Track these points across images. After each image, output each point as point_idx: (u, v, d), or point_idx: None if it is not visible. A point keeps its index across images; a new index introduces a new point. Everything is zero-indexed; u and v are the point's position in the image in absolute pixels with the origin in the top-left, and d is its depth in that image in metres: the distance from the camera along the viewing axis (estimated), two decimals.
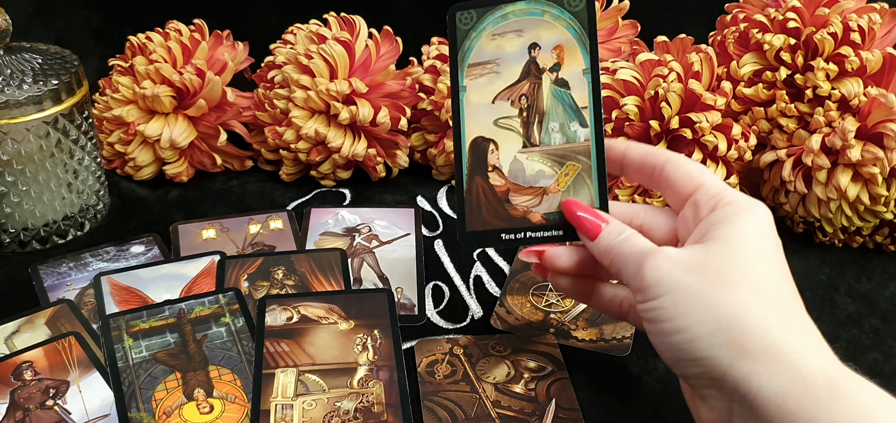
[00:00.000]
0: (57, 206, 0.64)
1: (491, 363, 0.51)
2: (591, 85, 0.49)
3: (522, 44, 0.50)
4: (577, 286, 0.48)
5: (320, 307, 0.54)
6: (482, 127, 0.49)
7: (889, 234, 0.64)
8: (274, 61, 0.73)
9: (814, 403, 0.35)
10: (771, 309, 0.38)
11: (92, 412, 0.47)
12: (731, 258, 0.39)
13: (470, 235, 0.48)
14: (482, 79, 0.50)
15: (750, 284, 0.38)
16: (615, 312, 0.48)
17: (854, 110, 0.60)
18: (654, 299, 0.40)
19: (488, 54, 0.50)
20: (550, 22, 0.50)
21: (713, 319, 0.38)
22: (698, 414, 0.41)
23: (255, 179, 0.75)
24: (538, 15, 0.50)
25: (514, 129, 0.49)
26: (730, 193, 0.42)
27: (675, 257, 0.40)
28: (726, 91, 0.63)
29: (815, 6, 0.63)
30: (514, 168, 0.48)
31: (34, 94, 0.60)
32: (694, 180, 0.44)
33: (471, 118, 0.50)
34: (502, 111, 0.50)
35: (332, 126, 0.70)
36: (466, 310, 0.58)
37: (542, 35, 0.50)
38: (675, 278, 0.39)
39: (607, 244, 0.44)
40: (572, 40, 0.50)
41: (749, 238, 0.40)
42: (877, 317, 0.58)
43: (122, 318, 0.54)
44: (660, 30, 0.72)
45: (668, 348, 0.39)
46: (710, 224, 0.41)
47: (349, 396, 0.48)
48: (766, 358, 0.36)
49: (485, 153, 0.49)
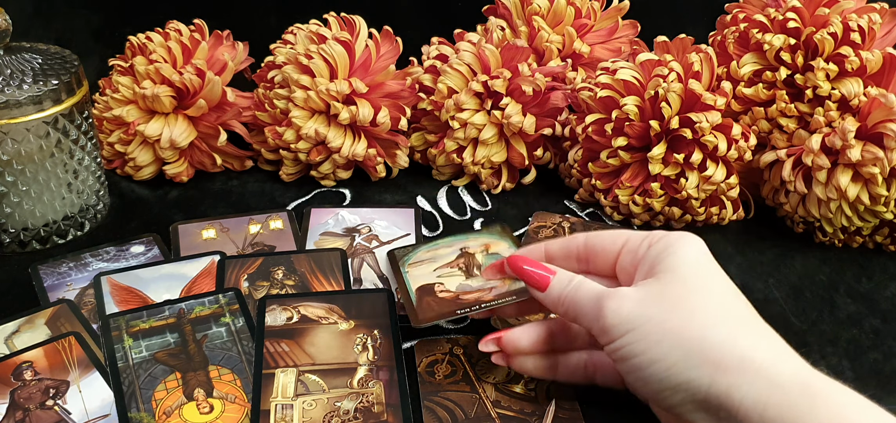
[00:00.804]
0: (57, 206, 0.64)
1: (491, 363, 0.51)
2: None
3: (453, 249, 0.58)
4: (540, 364, 0.48)
5: (320, 307, 0.54)
6: (426, 280, 0.55)
7: (889, 234, 0.64)
8: (274, 61, 0.73)
9: (793, 408, 0.37)
10: (734, 325, 0.40)
11: (92, 412, 0.47)
12: (684, 284, 0.41)
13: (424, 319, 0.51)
14: (422, 266, 0.56)
15: (709, 305, 0.40)
16: (582, 376, 0.48)
17: (854, 110, 0.60)
18: (620, 337, 0.41)
19: (425, 257, 0.57)
20: (475, 237, 0.59)
21: (684, 343, 0.39)
22: None
23: (255, 179, 0.75)
24: (463, 238, 0.59)
25: (456, 274, 0.55)
26: (658, 232, 0.45)
27: (631, 294, 0.42)
28: (726, 91, 0.63)
29: (815, 6, 0.63)
30: (460, 288, 0.53)
31: (34, 94, 0.60)
32: (619, 237, 0.47)
33: (415, 281, 0.55)
34: (443, 272, 0.56)
35: (332, 126, 0.70)
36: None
37: (470, 243, 0.58)
38: (637, 313, 0.40)
39: (559, 293, 0.45)
40: (497, 240, 0.58)
41: (693, 264, 0.42)
42: (877, 317, 0.58)
43: (122, 318, 0.54)
44: (660, 30, 0.72)
45: (646, 381, 0.40)
46: (652, 260, 0.43)
47: (349, 396, 0.48)
48: (740, 370, 0.38)
49: (431, 287, 0.54)
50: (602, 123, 0.66)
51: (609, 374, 0.48)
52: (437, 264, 0.56)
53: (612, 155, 0.66)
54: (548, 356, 0.48)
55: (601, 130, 0.66)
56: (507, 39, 0.72)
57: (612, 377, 0.48)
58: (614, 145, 0.65)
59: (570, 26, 0.74)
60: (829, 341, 0.55)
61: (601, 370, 0.48)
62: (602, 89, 0.66)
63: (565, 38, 0.73)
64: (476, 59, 0.70)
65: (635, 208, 0.66)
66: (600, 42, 0.76)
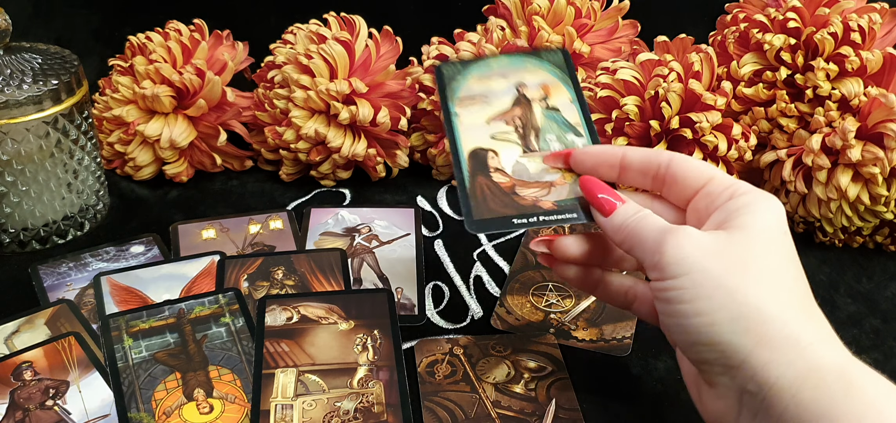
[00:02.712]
0: (57, 206, 0.64)
1: (491, 363, 0.51)
2: (580, 109, 0.51)
3: (509, 84, 0.52)
4: (584, 276, 0.48)
5: (320, 307, 0.54)
6: (479, 141, 0.49)
7: (889, 234, 0.64)
8: (274, 61, 0.73)
9: (827, 395, 0.36)
10: (789, 301, 0.38)
11: (92, 412, 0.47)
12: (752, 248, 0.39)
13: (479, 222, 0.46)
14: (473, 107, 0.51)
15: (770, 275, 0.39)
16: (621, 301, 0.48)
17: (854, 110, 0.60)
18: (672, 279, 0.39)
19: (477, 91, 0.51)
20: (533, 68, 0.53)
21: (734, 305, 0.38)
22: (703, 401, 0.41)
23: (255, 179, 0.75)
24: (520, 64, 0.53)
25: (512, 140, 0.49)
26: (744, 185, 0.42)
27: (697, 238, 0.40)
28: (726, 91, 0.63)
29: (815, 6, 0.63)
30: (517, 169, 0.48)
31: (34, 94, 0.60)
32: (704, 173, 0.44)
33: (466, 135, 0.50)
34: (498, 129, 0.50)
35: (332, 126, 0.70)
36: (466, 310, 0.58)
37: (527, 77, 0.52)
38: (696, 259, 0.39)
39: (622, 220, 0.43)
40: (555, 80, 0.52)
41: (768, 230, 0.40)
42: (877, 317, 0.58)
43: (122, 318, 0.54)
44: (660, 30, 0.72)
45: (685, 330, 0.39)
46: (729, 212, 0.41)
47: (349, 396, 0.48)
48: (784, 348, 0.37)
49: (485, 159, 0.49)
50: (602, 122, 0.66)
51: (646, 307, 0.47)
52: (490, 111, 0.51)
53: None
54: (592, 270, 0.48)
55: (601, 130, 0.66)
56: (507, 39, 0.72)
57: (648, 311, 0.47)
58: (614, 145, 0.65)
59: (570, 26, 0.73)
60: None
61: (640, 299, 0.47)
62: (602, 89, 0.66)
63: (565, 37, 0.73)
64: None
65: None
66: (600, 42, 0.76)
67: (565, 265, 0.48)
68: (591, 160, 0.47)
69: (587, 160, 0.47)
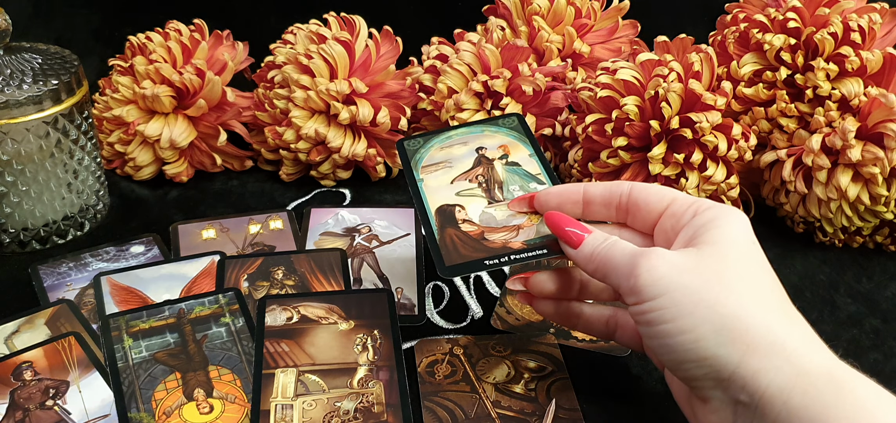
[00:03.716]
0: (57, 206, 0.64)
1: (491, 364, 0.51)
2: (540, 162, 0.53)
3: (469, 149, 0.55)
4: (563, 311, 0.49)
5: (320, 307, 0.54)
6: (445, 199, 0.51)
7: (889, 234, 0.64)
8: (274, 61, 0.73)
9: (818, 398, 0.36)
10: (770, 308, 0.39)
11: (92, 412, 0.47)
12: (725, 259, 0.40)
13: (451, 267, 0.47)
14: (437, 172, 0.53)
15: (747, 284, 0.39)
16: (601, 331, 0.49)
17: (854, 110, 0.60)
18: (651, 300, 0.39)
19: (439, 158, 0.54)
20: (491, 134, 0.56)
21: (716, 318, 0.38)
22: (697, 418, 0.41)
23: (255, 179, 0.75)
24: (478, 131, 0.56)
25: (477, 194, 0.52)
26: (706, 202, 0.43)
27: (670, 257, 0.40)
28: (726, 91, 0.63)
29: (815, 6, 0.62)
30: (484, 218, 0.50)
31: (34, 94, 0.60)
32: (666, 196, 0.45)
33: (432, 196, 0.52)
34: (462, 187, 0.52)
35: (332, 126, 0.70)
36: (466, 310, 0.58)
37: (486, 142, 0.55)
38: (672, 277, 0.39)
39: (592, 250, 0.43)
40: (513, 140, 0.55)
41: (738, 241, 0.41)
42: (877, 317, 0.58)
43: (122, 318, 0.54)
44: (660, 30, 0.72)
45: (672, 349, 0.39)
46: (696, 229, 0.42)
47: (349, 396, 0.48)
48: (771, 355, 0.37)
49: (452, 213, 0.50)
50: (602, 123, 0.66)
51: (629, 333, 0.47)
52: (454, 173, 0.53)
53: (612, 155, 0.66)
54: (571, 303, 0.48)
55: (601, 130, 0.66)
56: (507, 39, 0.72)
57: (631, 338, 0.47)
58: (614, 145, 0.65)
59: (570, 26, 0.73)
60: (829, 341, 0.54)
61: (622, 327, 0.47)
62: (602, 89, 0.66)
63: (565, 38, 0.73)
64: (476, 59, 0.70)
65: None
66: (600, 42, 0.76)
67: (543, 301, 0.49)
68: (554, 199, 0.48)
69: (551, 200, 0.48)
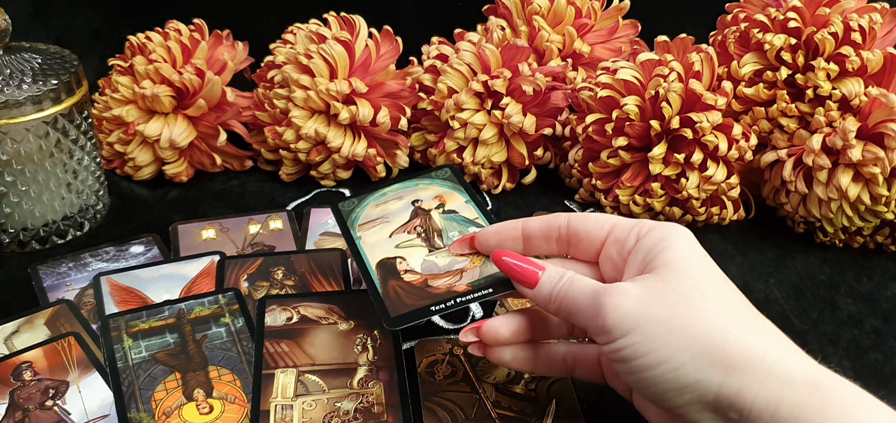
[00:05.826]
0: (56, 206, 0.64)
1: (491, 364, 0.51)
2: (476, 207, 0.54)
3: (404, 203, 0.55)
4: (519, 355, 0.46)
5: (320, 308, 0.54)
6: (385, 253, 0.51)
7: (890, 234, 0.64)
8: (274, 61, 0.73)
9: (805, 407, 0.36)
10: (741, 322, 0.38)
11: (91, 412, 0.47)
12: (686, 280, 0.39)
13: (396, 318, 0.46)
14: (374, 228, 0.53)
15: (713, 302, 0.39)
16: (560, 369, 0.47)
17: (855, 110, 0.60)
18: (623, 336, 0.39)
19: (375, 215, 0.54)
20: (425, 186, 0.56)
21: (691, 342, 0.37)
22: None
23: (255, 179, 0.75)
24: (412, 185, 0.56)
25: (417, 244, 0.51)
26: (647, 222, 0.43)
27: (630, 291, 0.39)
28: (727, 91, 0.63)
29: (815, 6, 0.62)
30: (426, 266, 0.49)
31: (34, 94, 0.60)
32: (605, 224, 0.44)
33: (371, 252, 0.51)
34: (401, 239, 0.52)
35: (332, 126, 0.70)
36: (467, 310, 0.58)
37: (421, 194, 0.55)
38: (640, 311, 0.38)
39: (550, 289, 0.43)
40: (448, 190, 0.55)
41: (692, 259, 0.40)
42: (877, 317, 0.58)
43: (122, 318, 0.54)
44: (660, 30, 0.72)
45: (652, 382, 0.38)
46: (645, 253, 0.41)
47: (349, 396, 0.48)
48: (752, 370, 0.37)
49: (393, 265, 0.50)
50: (602, 122, 0.66)
51: (589, 368, 0.46)
52: (391, 227, 0.53)
53: (612, 155, 0.66)
54: (527, 346, 0.46)
55: (601, 129, 0.66)
56: (507, 39, 0.72)
57: (592, 371, 0.46)
58: (615, 145, 0.65)
59: (570, 26, 0.73)
60: (829, 342, 0.55)
61: (581, 363, 0.46)
62: (602, 89, 0.66)
63: (565, 37, 0.73)
64: (476, 58, 0.70)
65: (636, 208, 0.66)
66: (600, 42, 0.76)
67: (497, 349, 0.46)
68: (494, 238, 0.47)
69: (491, 238, 0.48)
